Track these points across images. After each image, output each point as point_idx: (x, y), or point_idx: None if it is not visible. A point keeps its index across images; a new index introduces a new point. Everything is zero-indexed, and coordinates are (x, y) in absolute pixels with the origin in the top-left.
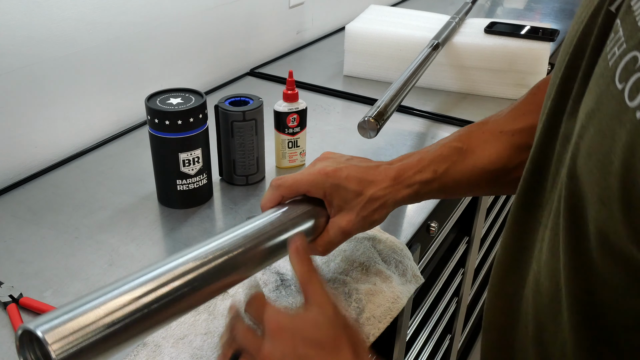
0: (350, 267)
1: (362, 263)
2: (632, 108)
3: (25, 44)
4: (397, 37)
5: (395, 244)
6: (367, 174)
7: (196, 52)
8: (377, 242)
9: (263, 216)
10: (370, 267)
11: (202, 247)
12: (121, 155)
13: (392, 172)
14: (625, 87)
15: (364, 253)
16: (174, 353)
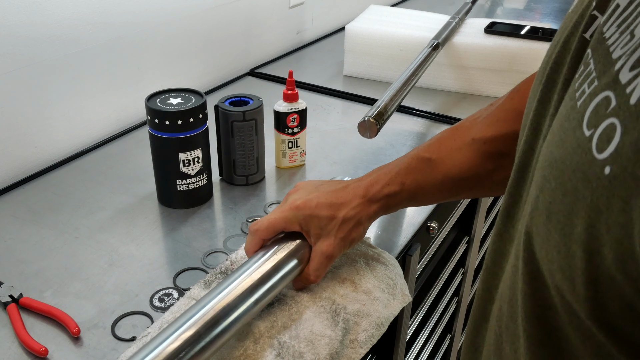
0: (341, 285)
1: (353, 280)
2: (599, 161)
3: (25, 44)
4: (397, 37)
5: (387, 259)
6: (336, 197)
7: (196, 52)
8: (369, 258)
9: (249, 266)
10: (361, 284)
11: (198, 315)
12: (121, 155)
13: (361, 190)
14: (593, 135)
15: (354, 269)
16: None
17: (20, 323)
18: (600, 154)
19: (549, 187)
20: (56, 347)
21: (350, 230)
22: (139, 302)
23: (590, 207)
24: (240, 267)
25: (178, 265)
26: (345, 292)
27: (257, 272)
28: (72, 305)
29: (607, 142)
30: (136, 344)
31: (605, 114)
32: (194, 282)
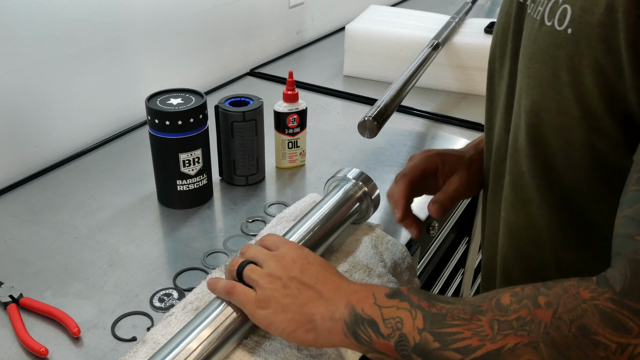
0: (355, 269)
1: (366, 265)
2: (562, 30)
3: (25, 44)
4: (397, 37)
5: (397, 247)
6: (455, 149)
7: (196, 52)
8: (382, 241)
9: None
10: (375, 268)
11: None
12: (121, 155)
13: (472, 143)
14: (553, 20)
15: (367, 255)
16: None
17: (20, 323)
18: (561, 26)
19: (533, 70)
20: (56, 347)
21: (475, 171)
22: (139, 302)
23: (567, 58)
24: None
25: (178, 265)
26: (361, 277)
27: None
28: (72, 305)
29: (564, 17)
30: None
31: (557, 6)
32: (194, 282)
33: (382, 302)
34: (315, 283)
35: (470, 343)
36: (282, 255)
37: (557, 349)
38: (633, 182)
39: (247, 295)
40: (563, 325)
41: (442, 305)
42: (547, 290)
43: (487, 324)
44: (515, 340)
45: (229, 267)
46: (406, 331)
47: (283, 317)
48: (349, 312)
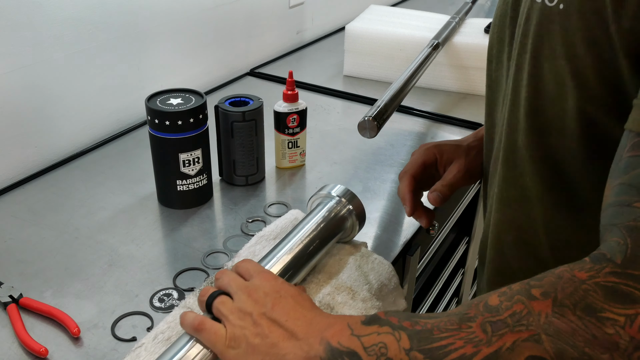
0: (338, 291)
1: (350, 287)
2: (554, 5)
3: (26, 44)
4: (397, 37)
5: (383, 266)
6: (454, 139)
7: (196, 52)
8: (367, 261)
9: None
10: (359, 291)
11: None
12: (121, 155)
13: (473, 133)
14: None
15: (351, 276)
16: None
17: (20, 323)
18: (551, 2)
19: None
20: (56, 347)
21: (473, 157)
22: (139, 302)
23: (560, 31)
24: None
25: (178, 265)
26: (345, 300)
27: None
28: (72, 305)
29: None
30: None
31: None
32: (194, 282)
33: (360, 331)
34: (286, 320)
35: (464, 352)
36: (254, 288)
37: (561, 337)
38: (628, 149)
39: (217, 334)
40: (567, 311)
41: (426, 322)
42: (539, 282)
43: (479, 328)
44: (514, 338)
45: (199, 297)
46: (392, 355)
47: (253, 358)
48: (324, 348)
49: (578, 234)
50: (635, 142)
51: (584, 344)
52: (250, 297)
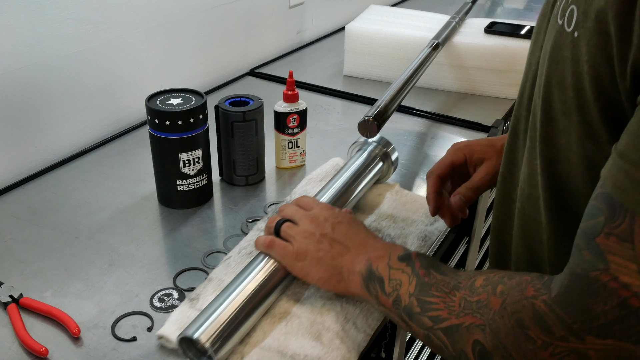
0: (381, 218)
1: (390, 214)
2: (570, 32)
3: (25, 44)
4: (397, 37)
5: (415, 198)
6: (489, 137)
7: (196, 52)
8: (400, 196)
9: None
10: (398, 216)
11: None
12: (121, 155)
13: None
14: (564, 21)
15: (390, 206)
16: None
17: (20, 323)
18: (569, 27)
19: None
20: (56, 347)
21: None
22: (139, 302)
23: (572, 60)
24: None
25: (178, 265)
26: (388, 224)
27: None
28: (72, 305)
29: (572, 19)
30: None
31: (567, 6)
32: (194, 282)
33: (393, 263)
34: (344, 239)
35: (440, 314)
36: (315, 215)
37: (497, 335)
38: (594, 196)
39: (285, 249)
40: (505, 315)
41: (434, 275)
42: (508, 281)
43: (458, 300)
44: (471, 320)
45: (267, 224)
46: (401, 293)
47: (318, 268)
48: (366, 268)
49: None
50: (600, 192)
51: (511, 348)
52: (312, 222)
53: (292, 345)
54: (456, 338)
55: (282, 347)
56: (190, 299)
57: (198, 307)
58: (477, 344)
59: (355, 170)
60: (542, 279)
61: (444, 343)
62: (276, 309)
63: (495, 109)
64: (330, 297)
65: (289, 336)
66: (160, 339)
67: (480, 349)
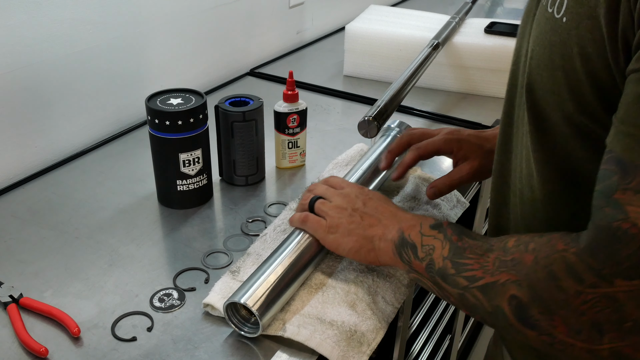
0: (406, 200)
1: (414, 196)
2: (559, 17)
3: (25, 44)
4: (397, 37)
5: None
6: (482, 133)
7: (196, 52)
8: (423, 179)
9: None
10: (422, 198)
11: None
12: (121, 155)
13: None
14: (554, 9)
15: (414, 189)
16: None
17: (20, 323)
18: (559, 14)
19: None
20: (56, 347)
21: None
22: (139, 302)
23: (560, 44)
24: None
25: (178, 265)
26: (411, 205)
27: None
28: (72, 305)
29: (562, 6)
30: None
31: None
32: (194, 282)
33: (425, 231)
34: (375, 212)
35: (475, 274)
36: (346, 193)
37: (532, 288)
38: (603, 162)
39: (319, 223)
40: (539, 269)
41: (467, 240)
42: (538, 239)
43: (492, 261)
44: (507, 277)
45: (301, 202)
46: (435, 257)
47: (349, 239)
48: (399, 235)
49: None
50: (608, 157)
51: (546, 298)
52: (344, 198)
53: (330, 313)
54: (492, 295)
55: (320, 314)
56: (231, 271)
57: (239, 279)
58: (514, 298)
59: (380, 154)
60: (570, 235)
61: (479, 300)
62: (312, 281)
63: (495, 109)
64: (362, 271)
65: (326, 305)
66: (206, 307)
67: (516, 303)
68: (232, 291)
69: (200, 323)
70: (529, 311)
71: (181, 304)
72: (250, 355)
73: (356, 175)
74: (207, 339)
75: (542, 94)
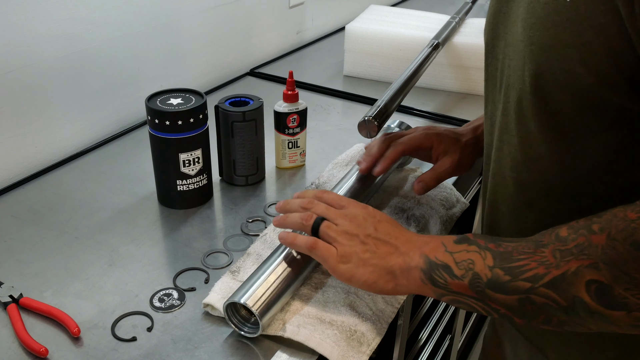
0: (406, 199)
1: (414, 196)
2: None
3: (25, 44)
4: (397, 37)
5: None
6: (455, 129)
7: (196, 52)
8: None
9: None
10: (421, 198)
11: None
12: (121, 155)
13: (471, 126)
14: None
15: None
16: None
17: (20, 323)
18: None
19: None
20: (56, 347)
21: (468, 154)
22: (139, 302)
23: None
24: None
25: (178, 265)
26: (413, 205)
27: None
28: (72, 306)
29: None
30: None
31: None
32: (194, 282)
33: (452, 248)
34: (389, 238)
35: (537, 272)
36: (353, 215)
37: (615, 265)
38: None
39: (329, 251)
40: (617, 244)
41: (507, 244)
42: (599, 219)
43: (550, 254)
44: (577, 264)
45: (302, 221)
46: (478, 269)
47: (364, 270)
48: (424, 260)
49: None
50: None
51: (634, 272)
52: (352, 222)
53: (330, 312)
54: (564, 287)
55: (320, 314)
56: (231, 271)
57: (239, 279)
58: (592, 282)
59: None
60: (636, 204)
61: (550, 298)
62: (312, 280)
63: None
64: None
65: (327, 304)
66: (206, 307)
67: (597, 287)
68: (232, 291)
69: (200, 323)
70: (613, 291)
71: (181, 304)
72: (250, 355)
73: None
74: (207, 339)
75: (551, 75)
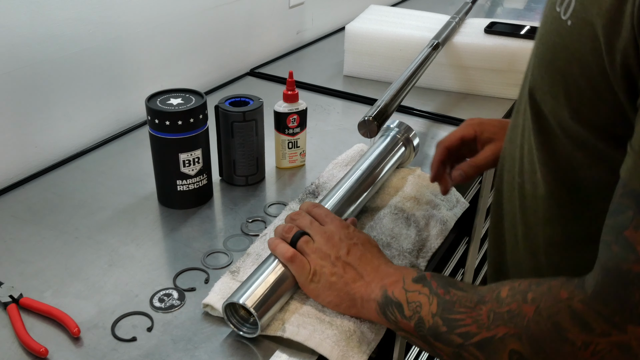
0: (405, 200)
1: (414, 196)
2: (565, 19)
3: (25, 44)
4: (397, 37)
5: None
6: (501, 119)
7: (196, 52)
8: (423, 179)
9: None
10: (421, 198)
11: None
12: (121, 155)
13: None
14: (561, 7)
15: (414, 189)
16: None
17: (20, 323)
18: (565, 15)
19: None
20: (56, 347)
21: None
22: (139, 302)
23: (562, 47)
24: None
25: (178, 265)
26: (412, 205)
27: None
28: (72, 306)
29: (568, 8)
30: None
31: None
32: (194, 282)
33: (408, 286)
34: (358, 264)
35: (470, 329)
36: (330, 234)
37: (535, 341)
38: (618, 194)
39: (304, 267)
40: (541, 320)
41: (455, 293)
42: (536, 288)
43: (485, 314)
44: (504, 331)
45: (283, 233)
46: (423, 314)
47: (329, 293)
48: (382, 294)
49: (573, 242)
50: (624, 190)
51: (550, 352)
52: (328, 241)
53: (329, 312)
54: (490, 351)
55: (320, 314)
56: (231, 272)
57: (239, 279)
58: (514, 353)
59: (379, 154)
60: (573, 282)
61: (477, 358)
62: None
63: (495, 109)
64: None
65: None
66: (206, 307)
67: (518, 358)
68: (232, 291)
69: (200, 323)
70: None
71: (181, 304)
72: (249, 355)
73: (354, 177)
74: (207, 339)
75: (542, 95)
